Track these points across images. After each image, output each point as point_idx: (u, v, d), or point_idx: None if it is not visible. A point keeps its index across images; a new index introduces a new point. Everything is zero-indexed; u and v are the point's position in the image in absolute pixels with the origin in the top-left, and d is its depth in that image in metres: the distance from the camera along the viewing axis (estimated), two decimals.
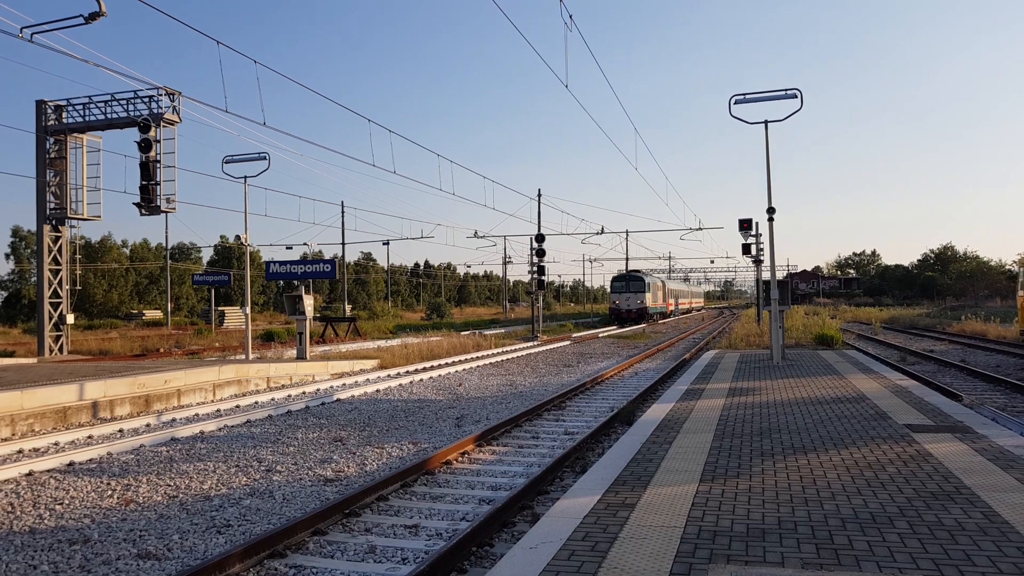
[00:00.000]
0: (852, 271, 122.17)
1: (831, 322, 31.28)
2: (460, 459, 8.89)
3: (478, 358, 22.42)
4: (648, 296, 50.10)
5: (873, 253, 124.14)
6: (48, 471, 8.41)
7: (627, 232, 64.73)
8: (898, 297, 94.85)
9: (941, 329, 36.88)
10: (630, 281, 50.34)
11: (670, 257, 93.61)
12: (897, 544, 4.17)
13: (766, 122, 16.48)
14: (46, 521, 6.55)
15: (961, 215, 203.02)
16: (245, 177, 19.79)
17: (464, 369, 19.68)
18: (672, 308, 60.29)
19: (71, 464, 8.74)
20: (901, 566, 3.83)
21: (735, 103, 16.16)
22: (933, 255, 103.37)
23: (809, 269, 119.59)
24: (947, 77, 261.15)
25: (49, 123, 25.45)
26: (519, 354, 24.39)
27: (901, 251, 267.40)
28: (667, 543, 4.28)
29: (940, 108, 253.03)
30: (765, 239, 18.23)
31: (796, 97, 15.74)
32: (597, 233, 52.10)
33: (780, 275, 34.28)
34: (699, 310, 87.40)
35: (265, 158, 19.70)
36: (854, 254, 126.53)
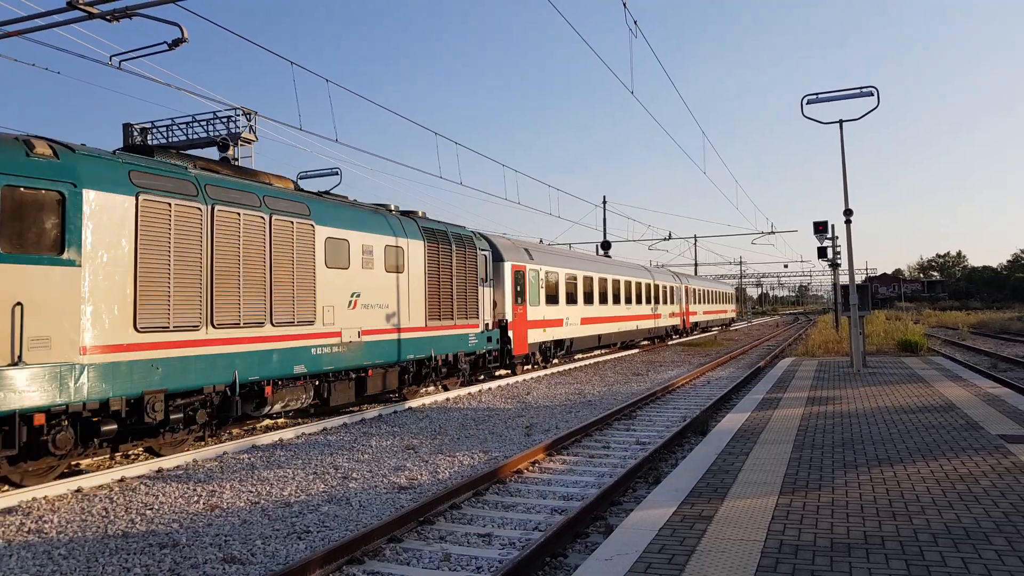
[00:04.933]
0: (936, 274, 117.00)
1: (914, 327, 29.97)
2: (531, 468, 8.89)
3: (544, 366, 22.39)
4: None
5: (958, 255, 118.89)
6: (138, 477, 8.81)
7: (695, 237, 63.59)
8: (987, 300, 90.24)
9: None
10: None
11: (741, 262, 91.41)
12: (994, 562, 3.96)
13: (840, 121, 16.00)
14: (137, 525, 6.86)
15: None
16: (319, 192, 20.36)
17: (531, 378, 19.69)
18: (575, 334, 23.14)
19: (159, 471, 9.13)
20: None
21: (807, 103, 15.75)
22: None
23: (889, 272, 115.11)
24: None
25: (136, 144, 26.84)
26: (586, 362, 24.25)
27: (989, 252, 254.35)
28: (747, 557, 4.17)
29: None
30: (842, 242, 17.66)
31: (872, 95, 15.21)
32: (664, 239, 50.68)
33: (859, 279, 32.95)
34: (721, 326, 49.99)
35: (337, 173, 20.17)
36: (938, 256, 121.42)
